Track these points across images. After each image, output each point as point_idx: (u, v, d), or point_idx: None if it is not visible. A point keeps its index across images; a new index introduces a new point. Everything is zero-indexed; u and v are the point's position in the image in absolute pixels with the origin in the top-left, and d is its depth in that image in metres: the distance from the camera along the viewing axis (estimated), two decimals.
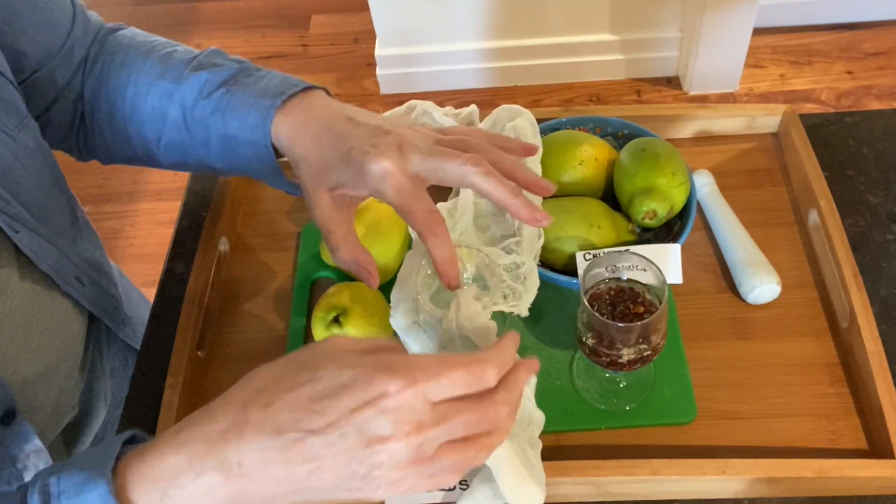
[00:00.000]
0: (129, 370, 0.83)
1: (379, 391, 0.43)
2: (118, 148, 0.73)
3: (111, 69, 0.70)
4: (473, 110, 0.83)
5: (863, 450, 0.66)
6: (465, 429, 0.45)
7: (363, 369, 0.44)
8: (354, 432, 0.42)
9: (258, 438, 0.43)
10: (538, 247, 0.70)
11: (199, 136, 0.67)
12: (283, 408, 0.43)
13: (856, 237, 0.78)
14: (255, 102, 0.62)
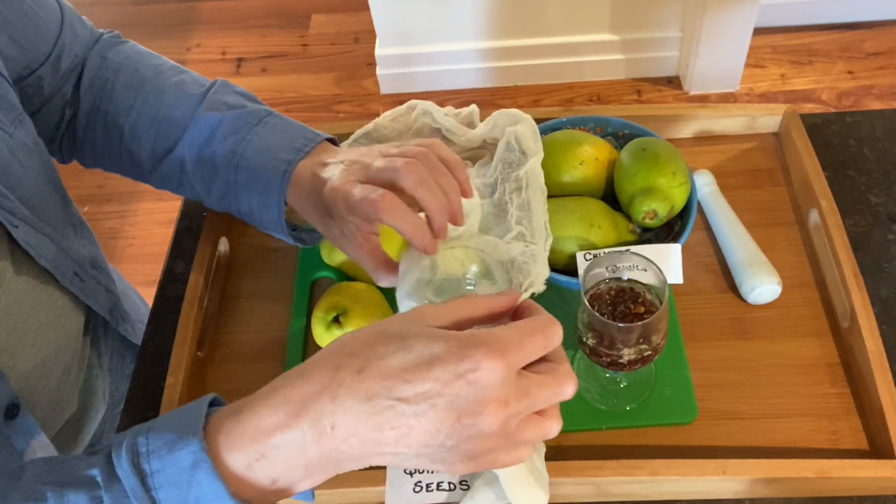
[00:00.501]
0: (126, 367, 0.83)
1: (470, 365, 0.43)
2: (106, 161, 0.75)
3: (115, 89, 0.71)
4: (473, 110, 0.83)
5: (863, 450, 0.66)
6: (545, 402, 0.46)
7: (454, 342, 0.44)
8: (445, 404, 0.43)
9: (351, 402, 0.43)
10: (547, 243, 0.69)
11: (203, 175, 0.68)
12: (375, 374, 0.44)
13: (856, 237, 0.78)
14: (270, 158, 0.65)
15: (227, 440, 0.45)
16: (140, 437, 0.45)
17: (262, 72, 2.37)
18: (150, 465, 0.44)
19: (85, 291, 0.73)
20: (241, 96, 0.71)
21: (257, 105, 0.70)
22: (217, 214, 0.82)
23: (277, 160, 0.64)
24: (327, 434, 0.44)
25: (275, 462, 0.45)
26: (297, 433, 0.44)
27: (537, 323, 0.47)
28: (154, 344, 0.78)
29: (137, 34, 2.51)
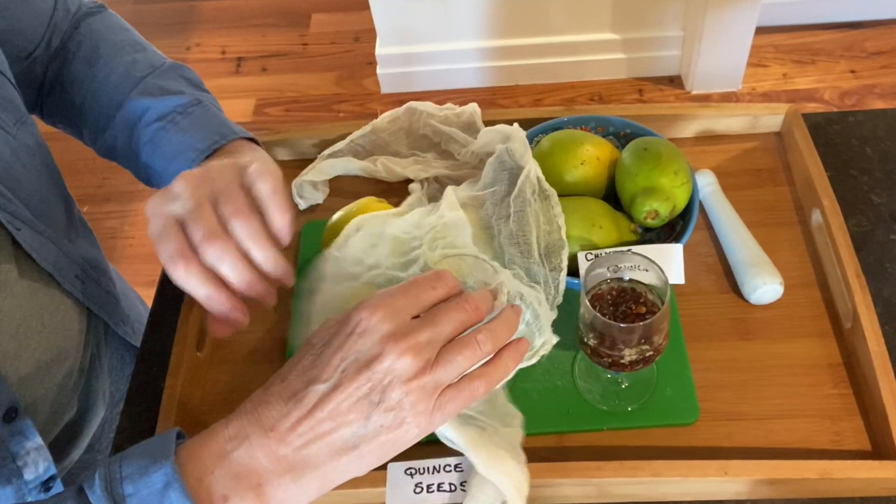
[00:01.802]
0: (126, 368, 0.83)
1: (354, 322, 0.49)
2: (63, 126, 0.78)
3: (74, 63, 0.73)
4: (474, 109, 0.82)
5: (866, 451, 0.66)
6: (456, 323, 0.50)
7: (342, 317, 0.50)
8: (351, 363, 0.48)
9: (280, 405, 0.48)
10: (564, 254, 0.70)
11: (130, 156, 0.72)
12: (294, 375, 0.49)
13: (859, 237, 0.78)
14: (182, 151, 0.67)
15: (193, 464, 0.48)
16: (114, 466, 0.48)
17: (262, 71, 2.37)
18: (123, 490, 0.47)
19: (86, 294, 0.73)
20: (186, 81, 0.72)
21: (194, 92, 0.71)
22: None
23: (184, 158, 0.67)
24: (271, 437, 0.48)
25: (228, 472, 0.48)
26: (242, 440, 0.48)
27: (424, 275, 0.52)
28: (154, 344, 0.78)
29: None
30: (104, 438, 0.81)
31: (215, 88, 1.49)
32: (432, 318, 0.50)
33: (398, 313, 0.49)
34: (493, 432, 0.61)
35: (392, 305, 0.49)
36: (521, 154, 0.73)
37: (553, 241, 0.70)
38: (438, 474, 0.63)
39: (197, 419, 0.73)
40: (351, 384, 0.47)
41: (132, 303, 0.86)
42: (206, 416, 0.73)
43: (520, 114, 0.86)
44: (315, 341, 0.51)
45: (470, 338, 0.51)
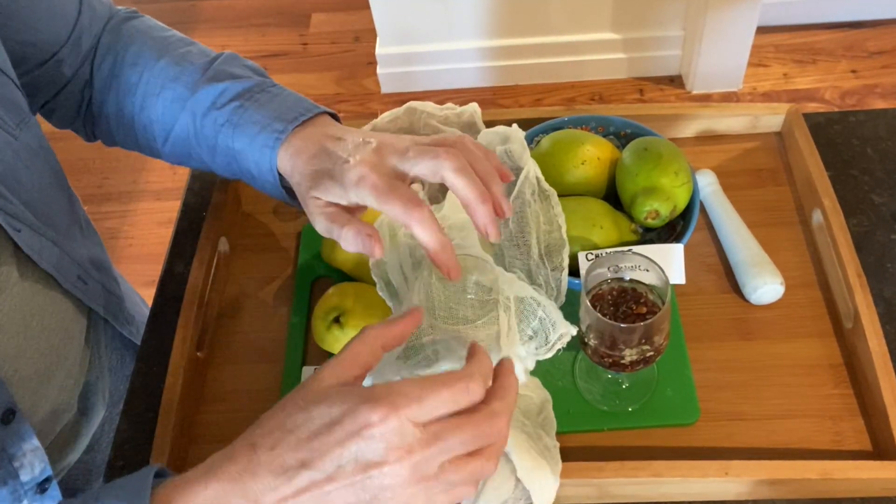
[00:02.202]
0: (126, 368, 0.83)
1: (364, 421, 0.46)
2: (122, 138, 0.75)
3: (124, 65, 0.71)
4: (475, 109, 0.82)
5: (867, 451, 0.66)
6: (464, 445, 0.47)
7: (349, 403, 0.47)
8: (350, 462, 0.46)
9: (269, 479, 0.46)
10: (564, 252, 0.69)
11: (206, 144, 0.68)
12: (286, 448, 0.47)
13: (860, 237, 0.78)
14: (266, 125, 0.64)
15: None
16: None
17: None
18: None
19: (88, 295, 0.72)
20: (249, 69, 0.70)
21: (263, 78, 0.69)
22: (217, 214, 0.82)
23: (272, 129, 0.64)
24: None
25: None
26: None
27: (445, 377, 0.48)
28: (153, 344, 0.78)
29: None
30: (104, 439, 0.80)
31: None
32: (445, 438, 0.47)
33: (408, 426, 0.46)
34: (538, 438, 0.61)
35: (406, 415, 0.46)
36: (519, 155, 0.73)
37: (553, 241, 0.70)
38: None
39: (196, 420, 0.72)
40: (345, 480, 0.46)
41: (135, 303, 0.86)
42: (205, 417, 0.73)
43: (520, 114, 0.86)
44: (315, 415, 0.47)
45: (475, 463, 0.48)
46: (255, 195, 0.88)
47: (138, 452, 0.71)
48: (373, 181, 0.57)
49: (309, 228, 0.84)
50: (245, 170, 0.67)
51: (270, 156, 0.63)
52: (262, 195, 0.87)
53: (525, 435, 0.60)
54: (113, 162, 2.15)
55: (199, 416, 0.73)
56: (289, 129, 0.63)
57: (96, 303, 0.74)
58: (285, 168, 0.63)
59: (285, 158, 0.63)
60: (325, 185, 0.59)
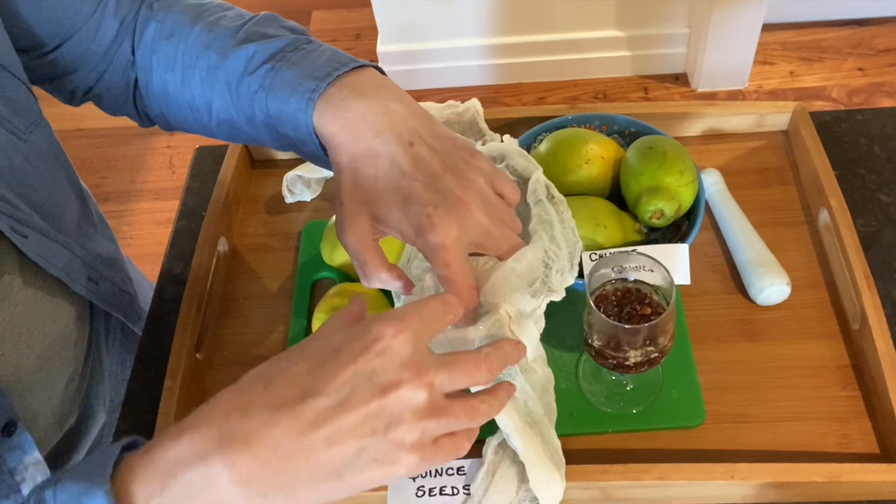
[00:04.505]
0: (126, 373, 0.83)
1: (373, 336, 0.43)
2: (174, 118, 0.69)
3: (160, 38, 0.66)
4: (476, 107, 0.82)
5: (874, 454, 0.65)
6: (466, 376, 0.45)
7: (352, 328, 0.44)
8: (364, 382, 0.42)
9: (263, 414, 0.41)
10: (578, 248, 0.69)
11: (245, 114, 0.62)
12: (282, 382, 0.42)
13: (867, 237, 0.77)
14: (299, 84, 0.57)
15: (135, 479, 0.41)
16: (47, 492, 0.42)
17: None
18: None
19: (100, 296, 0.71)
20: (286, 29, 0.64)
21: (298, 35, 0.63)
22: (216, 214, 0.82)
23: (304, 88, 0.57)
24: (239, 452, 0.40)
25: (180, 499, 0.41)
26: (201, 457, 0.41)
27: (436, 296, 0.48)
28: (152, 346, 0.77)
29: None
30: (103, 443, 0.80)
31: None
32: (451, 365, 0.45)
33: (420, 340, 0.44)
34: (546, 429, 0.61)
35: (415, 328, 0.44)
36: (524, 167, 0.73)
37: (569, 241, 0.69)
38: (441, 477, 0.62)
39: None
40: (360, 406, 0.41)
41: (146, 294, 0.85)
42: None
43: (523, 112, 0.86)
44: (314, 347, 0.44)
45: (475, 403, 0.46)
46: (255, 195, 0.88)
47: None
48: (449, 258, 0.53)
49: (309, 228, 0.83)
50: (287, 136, 0.60)
51: (306, 120, 0.56)
52: (261, 194, 0.88)
53: (539, 439, 0.60)
54: (111, 161, 2.15)
55: None
56: (321, 86, 0.56)
57: (108, 303, 0.73)
58: (327, 138, 0.56)
59: (329, 126, 0.56)
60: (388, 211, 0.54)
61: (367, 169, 0.55)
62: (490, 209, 0.56)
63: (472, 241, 0.55)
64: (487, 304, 0.64)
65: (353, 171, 0.55)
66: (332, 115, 0.56)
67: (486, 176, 0.57)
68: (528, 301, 0.62)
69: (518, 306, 0.62)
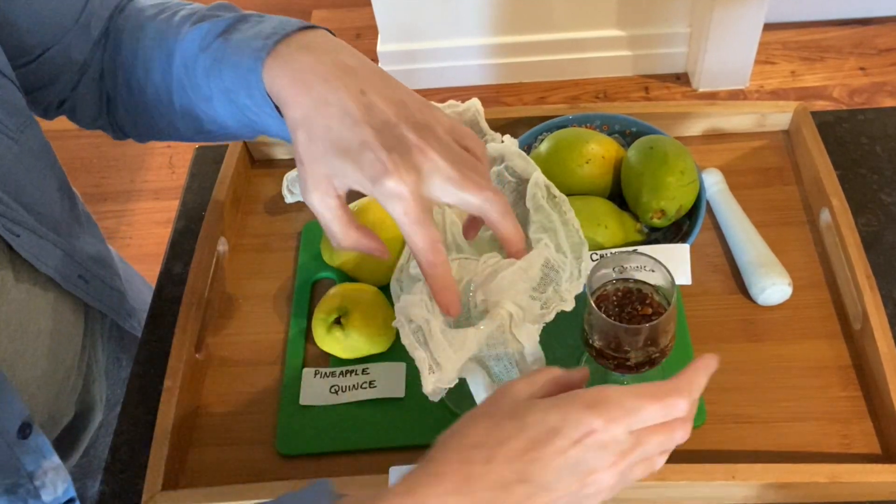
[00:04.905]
0: (122, 371, 0.83)
1: (587, 429, 0.45)
2: (143, 122, 0.69)
3: (122, 40, 0.66)
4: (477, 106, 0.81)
5: (876, 454, 0.65)
6: (658, 448, 0.48)
7: (567, 410, 0.46)
8: (571, 472, 0.45)
9: (485, 494, 0.45)
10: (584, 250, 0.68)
11: (203, 94, 0.61)
12: (502, 460, 0.45)
13: (869, 237, 0.77)
14: (248, 45, 0.56)
15: None
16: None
17: None
18: None
19: (90, 294, 0.72)
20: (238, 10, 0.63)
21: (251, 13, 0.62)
22: (216, 214, 0.81)
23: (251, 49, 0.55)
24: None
25: None
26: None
27: (656, 390, 0.48)
28: (152, 346, 0.77)
29: None
30: (99, 443, 0.80)
31: None
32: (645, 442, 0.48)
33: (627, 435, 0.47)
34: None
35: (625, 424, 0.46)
36: (523, 168, 0.72)
37: (573, 244, 0.69)
38: None
39: (195, 422, 0.72)
40: (562, 491, 0.46)
41: (138, 291, 0.85)
42: (204, 420, 0.72)
43: (524, 112, 0.86)
44: (530, 422, 0.46)
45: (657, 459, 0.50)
46: (255, 195, 0.88)
47: (136, 455, 0.70)
48: (407, 207, 0.51)
49: (309, 228, 0.83)
50: (246, 108, 0.58)
51: (257, 80, 0.54)
52: (261, 194, 0.88)
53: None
54: (111, 161, 2.15)
55: (198, 418, 0.72)
56: (269, 44, 0.54)
57: (98, 300, 0.73)
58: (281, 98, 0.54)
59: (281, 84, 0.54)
60: (341, 165, 0.51)
61: (319, 120, 0.52)
62: (452, 155, 0.52)
63: (434, 191, 0.52)
64: (489, 303, 0.64)
65: (307, 126, 0.53)
66: (280, 69, 0.54)
67: (444, 127, 0.54)
68: (536, 307, 0.62)
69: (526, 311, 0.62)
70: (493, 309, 0.63)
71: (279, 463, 0.69)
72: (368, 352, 0.72)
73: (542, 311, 0.63)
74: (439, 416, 0.69)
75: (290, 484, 0.63)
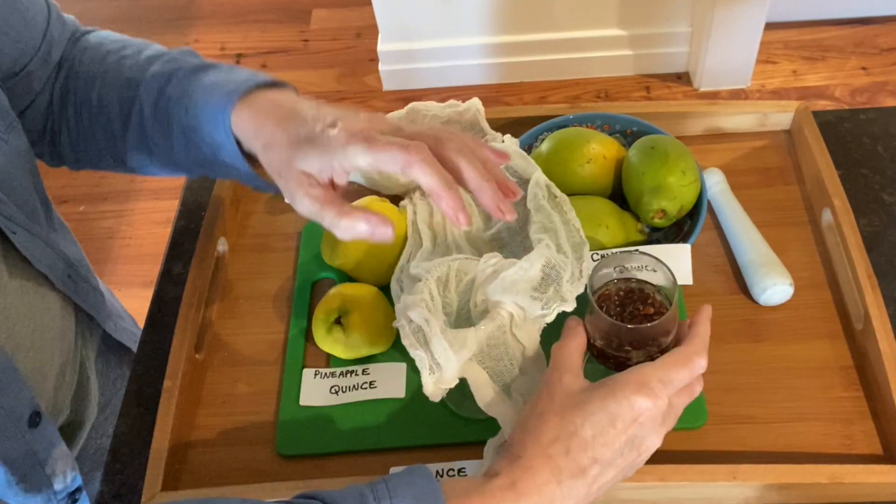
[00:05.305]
0: (112, 372, 0.83)
1: (639, 409, 0.54)
2: (84, 148, 0.71)
3: (81, 66, 0.69)
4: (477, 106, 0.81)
5: (877, 455, 0.65)
6: (686, 401, 0.58)
7: (620, 395, 0.54)
8: (630, 447, 0.55)
9: (571, 482, 0.53)
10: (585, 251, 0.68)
11: (162, 128, 0.64)
12: (579, 450, 0.53)
13: (870, 237, 0.77)
14: (219, 88, 0.60)
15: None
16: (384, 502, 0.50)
17: (262, 68, 2.36)
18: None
19: (77, 293, 0.73)
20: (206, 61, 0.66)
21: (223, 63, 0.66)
22: (215, 214, 0.81)
23: (223, 91, 0.60)
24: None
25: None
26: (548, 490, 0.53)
27: (682, 356, 0.57)
28: (151, 346, 0.77)
29: (134, 29, 2.51)
30: (91, 445, 0.80)
31: None
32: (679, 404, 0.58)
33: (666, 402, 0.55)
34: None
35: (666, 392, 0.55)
36: (524, 168, 0.72)
37: (574, 244, 0.69)
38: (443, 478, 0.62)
39: (195, 423, 0.72)
40: (623, 463, 0.55)
41: (110, 295, 0.86)
42: (204, 420, 0.72)
43: (524, 111, 0.86)
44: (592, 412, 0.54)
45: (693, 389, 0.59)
46: (255, 195, 0.87)
47: (136, 455, 0.70)
48: (365, 135, 0.54)
49: (309, 228, 0.83)
50: (206, 150, 0.62)
51: (224, 120, 0.59)
52: (261, 194, 0.87)
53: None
54: None
55: (198, 419, 0.72)
56: (240, 88, 0.59)
57: (83, 299, 0.74)
58: (247, 132, 0.59)
59: (246, 120, 0.58)
60: (304, 150, 0.55)
61: (280, 134, 0.57)
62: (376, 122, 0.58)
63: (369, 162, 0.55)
64: (490, 303, 0.63)
65: (272, 143, 0.57)
66: (248, 108, 0.59)
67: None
68: (537, 308, 0.62)
69: (526, 311, 0.62)
70: (494, 309, 0.63)
71: (279, 463, 0.69)
72: (369, 352, 0.72)
73: (543, 311, 0.63)
74: (439, 416, 0.68)
75: (290, 485, 0.63)
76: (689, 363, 0.57)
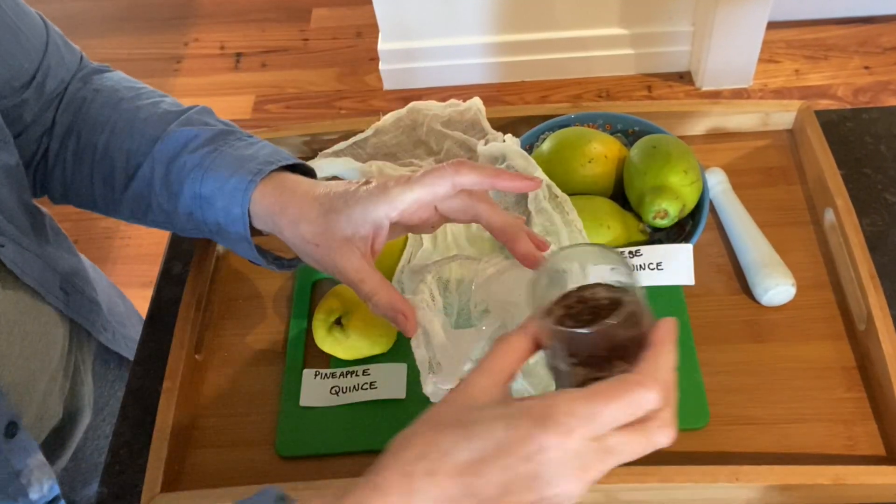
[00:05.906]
0: (109, 374, 0.83)
1: (536, 446, 0.42)
2: (76, 189, 0.70)
3: (91, 109, 0.68)
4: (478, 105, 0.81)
5: (880, 456, 0.65)
6: (635, 451, 0.44)
7: (517, 424, 0.43)
8: (523, 487, 0.42)
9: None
10: None
11: (170, 192, 0.64)
12: (446, 473, 0.43)
13: (873, 237, 0.77)
14: (244, 165, 0.61)
15: None
16: None
17: (261, 67, 2.36)
18: None
19: (70, 305, 0.72)
20: (224, 123, 0.67)
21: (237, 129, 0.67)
22: None
23: (246, 170, 0.60)
24: None
25: None
26: None
27: (617, 387, 0.43)
28: (151, 347, 0.77)
29: (134, 28, 2.50)
30: (87, 446, 0.80)
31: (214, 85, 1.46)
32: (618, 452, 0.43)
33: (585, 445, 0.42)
34: None
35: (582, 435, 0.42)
36: (524, 168, 0.72)
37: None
38: None
39: (195, 423, 0.72)
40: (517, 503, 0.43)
41: (113, 303, 0.85)
42: (203, 421, 0.72)
43: (526, 111, 0.86)
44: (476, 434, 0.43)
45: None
46: None
47: (135, 456, 0.70)
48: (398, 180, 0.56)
49: None
50: (211, 220, 0.63)
51: (242, 199, 0.60)
52: None
53: None
54: None
55: (198, 419, 0.72)
56: (265, 170, 0.60)
57: (76, 312, 0.74)
58: (270, 209, 0.59)
59: (269, 197, 0.60)
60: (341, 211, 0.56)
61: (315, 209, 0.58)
62: None
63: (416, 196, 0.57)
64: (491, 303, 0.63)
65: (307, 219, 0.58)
66: (272, 187, 0.60)
67: None
68: None
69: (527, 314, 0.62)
70: (495, 309, 0.62)
71: (279, 464, 0.68)
72: (369, 353, 0.72)
73: None
74: None
75: (290, 485, 0.63)
76: (626, 395, 0.42)
